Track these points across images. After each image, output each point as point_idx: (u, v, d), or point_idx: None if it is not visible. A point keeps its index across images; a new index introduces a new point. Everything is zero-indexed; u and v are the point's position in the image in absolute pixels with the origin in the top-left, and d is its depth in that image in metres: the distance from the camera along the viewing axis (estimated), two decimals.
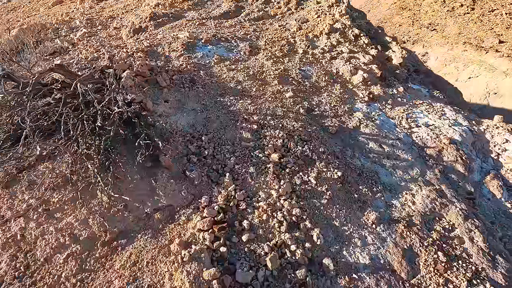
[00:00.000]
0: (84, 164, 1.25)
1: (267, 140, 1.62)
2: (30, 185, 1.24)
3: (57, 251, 1.06)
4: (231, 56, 2.45)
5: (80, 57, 2.35)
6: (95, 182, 1.22)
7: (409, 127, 2.04)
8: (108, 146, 1.32)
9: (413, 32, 22.71)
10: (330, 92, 2.21)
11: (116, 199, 1.20)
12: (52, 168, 1.27)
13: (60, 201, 1.18)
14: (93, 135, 1.34)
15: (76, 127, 1.32)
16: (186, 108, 1.79)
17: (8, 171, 1.28)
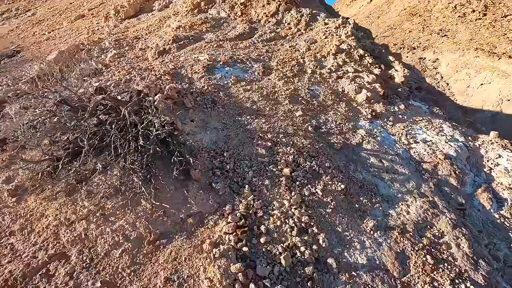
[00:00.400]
0: (131, 177, 1.53)
1: (279, 156, 1.87)
2: (88, 194, 1.52)
3: (114, 248, 1.34)
4: (246, 76, 2.72)
5: (114, 78, 2.67)
6: (140, 192, 1.49)
7: (408, 143, 2.25)
8: (149, 162, 1.59)
9: (423, 38, 22.77)
10: (336, 110, 2.45)
11: (157, 206, 1.47)
12: (105, 180, 1.55)
13: (113, 208, 1.45)
14: (136, 152, 1.62)
15: (123, 146, 1.60)
16: (209, 127, 2.06)
17: (69, 182, 1.57)
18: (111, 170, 1.59)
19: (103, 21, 5.38)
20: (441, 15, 27.49)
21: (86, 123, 1.71)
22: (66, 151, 1.69)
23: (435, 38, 21.92)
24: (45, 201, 1.54)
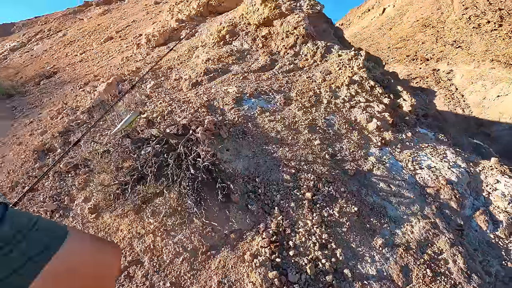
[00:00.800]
0: (185, 200, 1.93)
1: (302, 182, 2.23)
2: (152, 213, 1.93)
3: (176, 256, 1.72)
4: (270, 107, 3.13)
5: (157, 110, 3.13)
6: (193, 212, 1.89)
7: (414, 169, 2.57)
8: (198, 187, 1.99)
9: (437, 49, 22.86)
10: (350, 139, 2.80)
11: (206, 224, 1.86)
12: (164, 202, 1.95)
13: (173, 224, 1.85)
14: (188, 179, 2.03)
15: (178, 174, 2.01)
16: (241, 155, 2.45)
17: (136, 202, 1.99)
18: (169, 194, 1.99)
19: (136, 48, 5.96)
20: (455, 26, 27.46)
21: (147, 154, 2.14)
22: (132, 177, 2.12)
23: (449, 49, 21.94)
24: (118, 218, 1.96)
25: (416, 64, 19.87)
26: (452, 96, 14.25)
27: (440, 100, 14.07)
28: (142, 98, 3.46)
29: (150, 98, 3.46)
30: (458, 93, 13.81)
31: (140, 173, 2.12)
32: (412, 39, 26.35)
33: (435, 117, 3.30)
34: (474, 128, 11.41)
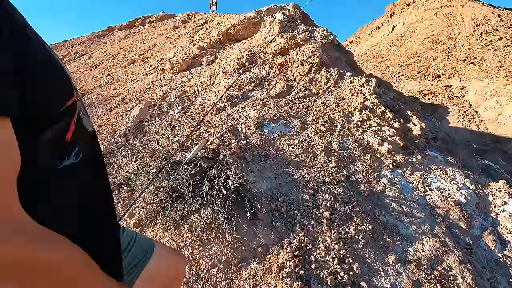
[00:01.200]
0: (218, 217, 2.21)
1: (320, 202, 2.47)
2: (190, 228, 2.21)
3: (212, 267, 1.98)
4: (288, 131, 3.42)
5: (185, 134, 3.48)
6: (225, 228, 2.15)
7: (424, 191, 2.77)
8: (229, 206, 2.27)
9: (448, 65, 23.05)
10: (363, 161, 3.04)
11: (237, 239, 2.12)
12: (200, 218, 2.23)
13: (208, 238, 2.12)
14: (219, 198, 2.31)
15: (211, 193, 2.30)
16: (264, 176, 2.73)
17: (175, 219, 2.28)
18: (204, 211, 2.28)
19: (160, 73, 6.46)
20: (466, 43, 27.57)
21: (184, 175, 2.45)
22: (170, 196, 2.43)
23: (461, 65, 22.01)
24: (160, 232, 2.25)
25: (427, 81, 19.98)
26: (466, 113, 14.23)
27: (454, 117, 14.06)
28: (172, 122, 3.83)
29: (178, 122, 3.83)
30: (472, 110, 13.79)
31: (178, 192, 2.42)
32: (423, 55, 26.55)
33: (444, 140, 3.51)
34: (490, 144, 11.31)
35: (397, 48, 34.30)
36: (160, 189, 2.56)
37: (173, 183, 2.51)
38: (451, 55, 24.80)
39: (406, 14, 42.36)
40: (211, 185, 2.38)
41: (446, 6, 38.53)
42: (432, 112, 15.06)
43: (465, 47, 26.29)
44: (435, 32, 32.42)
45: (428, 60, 25.59)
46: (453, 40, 28.77)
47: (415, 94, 18.41)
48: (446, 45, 27.88)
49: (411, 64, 26.22)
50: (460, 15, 34.68)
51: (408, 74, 22.55)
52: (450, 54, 24.90)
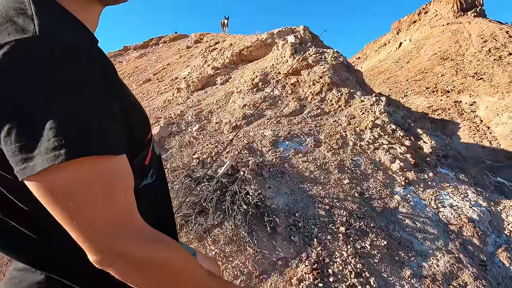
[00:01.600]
0: (239, 230, 2.34)
1: (336, 217, 2.58)
2: (213, 241, 2.35)
3: (234, 278, 2.10)
4: (302, 149, 3.57)
5: (204, 151, 3.67)
6: (246, 241, 2.29)
7: (437, 207, 2.85)
8: (249, 220, 2.41)
9: (457, 81, 22.98)
10: (376, 178, 3.15)
11: (257, 252, 2.24)
12: (222, 232, 2.37)
13: (231, 251, 2.25)
14: (240, 212, 2.45)
15: (232, 208, 2.45)
16: (281, 192, 2.87)
17: (198, 232, 2.42)
18: (225, 225, 2.42)
19: (176, 92, 6.78)
20: (474, 59, 27.53)
21: (207, 191, 2.62)
22: (194, 210, 2.58)
23: (470, 81, 21.94)
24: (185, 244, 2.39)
25: (436, 96, 19.97)
26: (477, 128, 14.12)
27: (465, 132, 13.95)
28: (191, 140, 4.04)
29: (197, 139, 4.04)
30: (484, 125, 13.69)
31: (201, 207, 2.58)
32: (431, 71, 26.64)
33: (455, 157, 3.59)
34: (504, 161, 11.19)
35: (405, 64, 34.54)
36: (184, 204, 2.72)
37: (196, 198, 2.68)
38: (460, 70, 24.81)
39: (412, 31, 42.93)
40: (232, 200, 2.53)
41: (452, 23, 38.91)
42: (442, 128, 15.00)
43: (474, 63, 26.29)
44: (442, 48, 32.61)
45: (436, 76, 25.64)
46: (461, 56, 28.83)
47: (424, 109, 18.39)
48: (454, 61, 27.95)
49: (419, 80, 26.29)
50: (467, 31, 34.87)
51: (417, 90, 22.60)
52: (459, 70, 24.92)
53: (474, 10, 37.47)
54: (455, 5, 38.67)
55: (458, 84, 20.24)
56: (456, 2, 39.06)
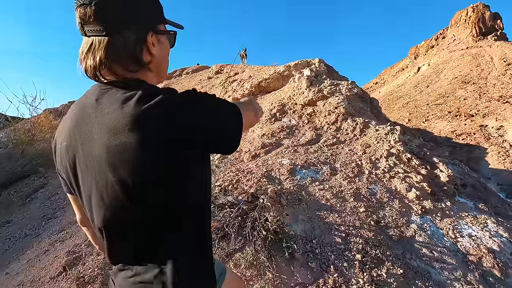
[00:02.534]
0: (259, 255, 2.50)
1: (352, 245, 2.68)
2: (234, 265, 2.51)
3: None
4: (319, 177, 3.74)
5: (226, 178, 3.92)
6: (266, 266, 2.44)
7: (455, 237, 2.86)
8: (268, 246, 2.57)
9: (481, 105, 22.43)
10: (391, 207, 3.23)
11: (276, 276, 2.38)
12: (243, 256, 2.55)
13: (251, 275, 2.40)
14: (260, 238, 2.62)
15: (253, 234, 2.63)
16: (299, 219, 3.02)
17: (221, 256, 2.61)
18: (246, 250, 2.59)
19: None
20: (498, 82, 26.74)
21: (229, 217, 2.83)
22: (217, 235, 2.79)
23: (496, 105, 21.20)
24: None
25: (460, 120, 19.40)
26: (507, 154, 13.50)
27: (493, 158, 13.36)
28: (213, 168, 4.33)
29: (219, 168, 4.32)
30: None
31: (223, 232, 2.78)
32: (453, 95, 26.06)
33: (475, 186, 3.60)
34: None
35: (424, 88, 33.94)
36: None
37: (219, 223, 2.89)
38: (483, 94, 24.09)
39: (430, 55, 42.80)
40: (252, 226, 2.72)
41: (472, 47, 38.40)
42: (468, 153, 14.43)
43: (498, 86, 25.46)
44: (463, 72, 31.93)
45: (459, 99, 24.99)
46: (484, 79, 28.10)
47: (447, 134, 17.83)
48: (476, 85, 27.24)
49: (441, 104, 25.71)
50: (488, 55, 34.17)
51: (438, 114, 22.08)
52: (482, 94, 24.21)
53: (495, 34, 37.10)
54: (474, 29, 38.57)
55: (483, 108, 19.65)
56: (475, 26, 38.99)
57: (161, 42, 0.76)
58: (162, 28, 0.76)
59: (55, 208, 4.90)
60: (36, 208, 5.12)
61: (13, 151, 6.29)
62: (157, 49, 0.75)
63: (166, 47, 0.79)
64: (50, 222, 4.50)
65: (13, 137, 6.40)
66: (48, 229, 4.26)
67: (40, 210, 4.98)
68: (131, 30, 0.67)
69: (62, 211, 4.70)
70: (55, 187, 5.78)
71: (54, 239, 3.81)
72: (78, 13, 0.63)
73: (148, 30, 0.71)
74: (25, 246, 3.94)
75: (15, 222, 4.74)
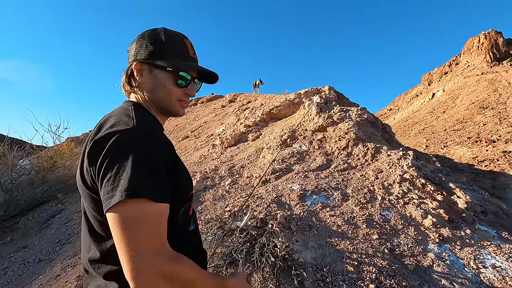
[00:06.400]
0: (267, 282, 2.43)
1: (364, 274, 2.56)
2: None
3: None
4: (329, 203, 3.68)
5: (235, 204, 3.92)
6: None
7: (477, 268, 2.68)
8: (277, 272, 2.50)
9: (502, 130, 21.73)
10: (407, 234, 3.10)
11: None
12: (251, 283, 2.48)
13: None
14: (268, 264, 2.57)
15: (260, 260, 2.58)
16: (309, 246, 2.94)
17: None
18: (254, 277, 2.53)
19: (211, 148, 7.39)
20: None
21: (238, 242, 2.80)
22: (225, 261, 2.75)
23: None
24: None
25: (481, 146, 18.71)
26: None
27: None
28: (224, 193, 4.36)
29: (229, 193, 4.35)
30: None
31: (231, 258, 2.74)
32: (471, 120, 25.43)
33: (496, 213, 3.41)
34: None
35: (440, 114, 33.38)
36: (215, 255, 2.91)
37: (227, 249, 2.86)
38: (504, 119, 23.40)
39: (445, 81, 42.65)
40: (261, 252, 2.67)
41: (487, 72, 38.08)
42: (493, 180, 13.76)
43: None
44: (480, 98, 31.41)
45: (478, 125, 24.34)
46: (503, 104, 27.43)
47: (468, 160, 17.21)
48: (495, 110, 26.58)
49: (459, 129, 25.08)
50: (505, 80, 33.67)
51: (457, 140, 21.45)
52: (503, 119, 23.52)
53: (510, 59, 36.78)
54: (488, 55, 38.47)
55: (504, 133, 18.95)
56: (489, 52, 38.92)
57: (154, 75, 0.89)
58: (158, 63, 0.88)
59: (70, 234, 5.01)
60: (52, 233, 5.25)
61: (35, 177, 6.60)
62: (145, 78, 0.90)
63: (162, 81, 0.89)
64: (64, 247, 4.58)
65: (36, 164, 6.76)
66: (61, 254, 4.33)
67: (55, 236, 5.09)
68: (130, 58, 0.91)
69: (77, 236, 4.79)
70: (71, 212, 5.94)
71: (66, 264, 3.86)
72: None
73: (135, 60, 0.90)
74: (38, 271, 4.00)
75: (31, 248, 4.85)
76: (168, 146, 0.79)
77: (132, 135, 0.72)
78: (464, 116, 26.56)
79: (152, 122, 0.92)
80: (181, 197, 0.91)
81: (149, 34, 0.87)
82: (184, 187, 0.93)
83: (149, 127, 0.81)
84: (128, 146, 0.68)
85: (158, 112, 0.97)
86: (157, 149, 0.72)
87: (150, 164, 0.68)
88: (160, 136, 0.79)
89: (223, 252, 2.87)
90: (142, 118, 0.83)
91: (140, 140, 0.71)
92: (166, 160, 0.76)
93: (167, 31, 0.88)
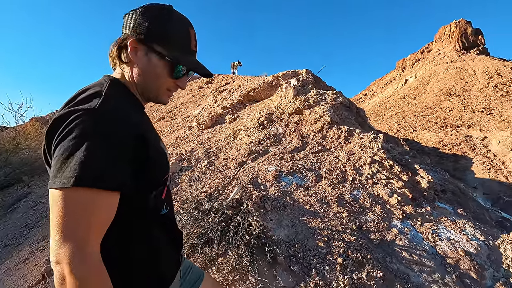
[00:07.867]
0: (241, 260, 2.51)
1: (334, 249, 2.72)
2: (217, 269, 2.51)
3: None
4: (303, 183, 3.79)
5: (212, 185, 3.94)
6: (248, 270, 2.44)
7: (434, 241, 2.93)
8: (251, 250, 2.58)
9: (466, 116, 23.17)
10: (374, 212, 3.29)
11: (258, 280, 2.38)
12: (225, 261, 2.55)
13: (234, 279, 2.40)
14: (243, 242, 2.64)
15: (236, 239, 2.64)
16: (283, 224, 3.04)
17: (204, 261, 2.60)
18: (229, 254, 2.60)
19: (188, 130, 7.26)
20: (481, 94, 27.76)
21: (213, 222, 2.84)
22: (200, 240, 2.79)
23: (479, 116, 21.94)
24: None
25: (446, 131, 19.92)
26: (491, 163, 13.87)
27: (479, 167, 13.71)
28: (200, 175, 4.34)
29: (205, 174, 4.34)
30: (498, 160, 13.48)
31: (207, 237, 2.78)
32: (438, 107, 26.86)
33: (454, 192, 3.71)
34: None
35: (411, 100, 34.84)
36: (191, 235, 2.93)
37: (203, 229, 2.89)
38: (468, 106, 24.89)
39: (417, 68, 44.23)
40: (236, 231, 2.73)
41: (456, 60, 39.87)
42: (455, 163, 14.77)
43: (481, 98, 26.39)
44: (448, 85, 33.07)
45: (444, 111, 25.74)
46: (468, 91, 29.09)
47: (434, 144, 18.29)
48: (461, 97, 28.16)
49: (427, 115, 26.46)
50: (471, 68, 35.56)
51: (425, 125, 22.66)
52: (467, 105, 25.03)
53: (477, 48, 38.77)
54: (457, 44, 40.23)
55: (467, 119, 20.28)
56: (458, 41, 40.69)
57: (149, 59, 0.83)
58: (157, 48, 0.82)
59: (38, 217, 4.79)
60: (18, 217, 4.99)
61: None
62: (138, 58, 0.83)
63: (156, 68, 0.84)
64: (32, 231, 4.39)
65: None
66: (29, 238, 4.15)
67: (22, 220, 4.85)
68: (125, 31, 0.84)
69: (46, 220, 4.60)
70: (39, 196, 5.65)
71: (35, 247, 3.72)
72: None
73: (133, 37, 0.81)
74: (5, 256, 3.82)
75: None
76: (135, 129, 0.74)
77: (91, 117, 0.67)
78: (433, 102, 27.99)
79: (127, 102, 0.85)
80: (153, 181, 0.88)
81: (154, 13, 0.79)
82: (157, 172, 0.89)
83: (116, 108, 0.74)
84: (83, 130, 0.64)
85: (141, 94, 0.92)
86: (115, 134, 0.67)
87: (103, 150, 0.64)
88: (125, 118, 0.73)
89: (199, 232, 2.90)
90: (113, 97, 0.77)
91: (97, 124, 0.66)
92: (129, 145, 0.71)
93: (174, 14, 0.82)
